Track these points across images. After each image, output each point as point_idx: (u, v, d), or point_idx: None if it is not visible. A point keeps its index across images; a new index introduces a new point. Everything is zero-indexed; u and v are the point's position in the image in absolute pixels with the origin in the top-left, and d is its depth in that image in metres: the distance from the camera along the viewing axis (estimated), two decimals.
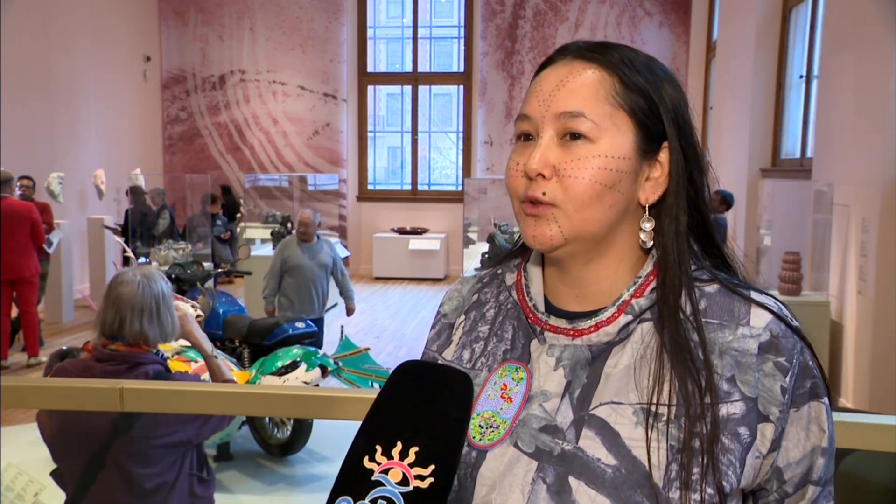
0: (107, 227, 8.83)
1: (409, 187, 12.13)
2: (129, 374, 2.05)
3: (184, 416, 2.09)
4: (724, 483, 0.77)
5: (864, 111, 4.80)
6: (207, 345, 2.46)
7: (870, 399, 4.56)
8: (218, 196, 8.94)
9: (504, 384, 0.87)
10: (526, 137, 0.85)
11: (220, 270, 6.50)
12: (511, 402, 0.85)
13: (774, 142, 7.10)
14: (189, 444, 2.14)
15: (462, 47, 11.75)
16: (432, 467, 0.80)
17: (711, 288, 0.84)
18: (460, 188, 11.38)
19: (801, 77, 6.64)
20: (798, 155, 6.59)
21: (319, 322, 5.73)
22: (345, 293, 5.81)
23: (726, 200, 6.64)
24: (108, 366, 2.08)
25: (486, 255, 7.44)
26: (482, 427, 0.85)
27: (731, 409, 0.79)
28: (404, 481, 0.80)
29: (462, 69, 11.75)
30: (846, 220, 4.99)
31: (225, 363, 3.84)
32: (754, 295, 0.84)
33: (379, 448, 0.82)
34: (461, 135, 11.82)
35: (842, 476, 3.19)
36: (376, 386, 4.00)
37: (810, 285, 5.43)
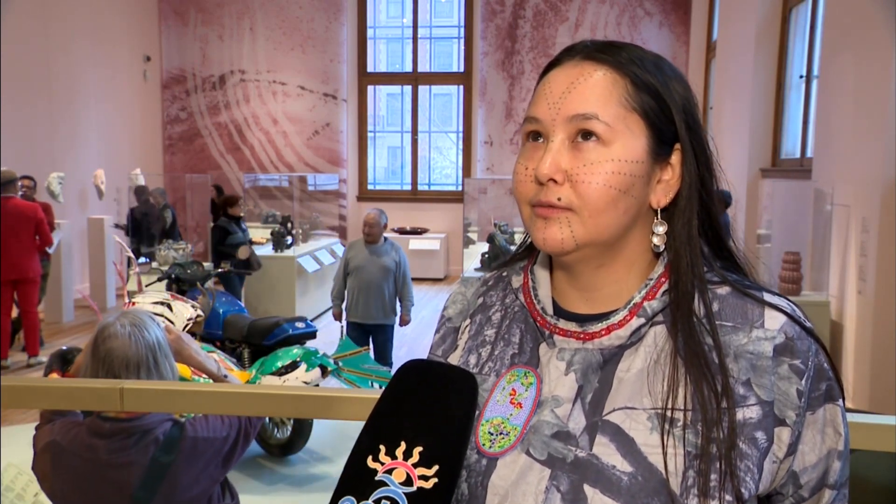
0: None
1: (409, 187, 12.12)
2: (138, 446, 1.87)
3: (202, 463, 1.94)
4: (743, 490, 0.76)
5: (864, 111, 4.79)
6: (212, 365, 2.27)
7: (870, 399, 4.55)
8: (239, 197, 8.48)
9: (513, 389, 0.85)
10: (535, 137, 0.83)
11: (220, 270, 6.49)
12: (521, 407, 0.83)
13: (774, 142, 7.09)
14: (215, 484, 2.01)
15: (462, 47, 11.75)
16: (436, 468, 0.79)
17: (723, 290, 0.83)
18: (460, 188, 11.38)
19: (801, 77, 6.64)
20: (798, 155, 6.58)
21: (388, 330, 5.51)
22: (402, 302, 5.59)
23: (724, 199, 6.64)
24: (114, 442, 1.87)
25: (486, 255, 7.44)
26: (492, 434, 0.83)
27: (748, 413, 0.77)
28: (408, 481, 0.79)
29: (462, 69, 11.75)
30: (846, 220, 4.99)
31: (224, 363, 3.84)
32: (767, 296, 0.82)
33: (383, 448, 0.81)
34: (461, 135, 11.82)
35: None
36: (376, 386, 3.99)
37: (810, 285, 5.42)
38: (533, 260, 0.92)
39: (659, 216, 0.83)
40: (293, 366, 4.00)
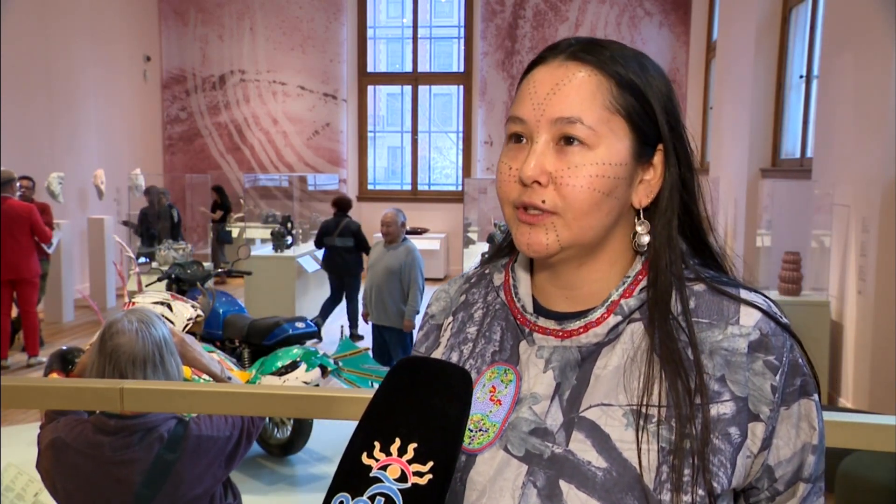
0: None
1: (409, 187, 12.13)
2: (142, 444, 1.88)
3: (206, 462, 1.93)
4: (715, 484, 0.77)
5: (864, 111, 4.79)
6: (216, 367, 2.27)
7: (870, 399, 4.55)
8: (349, 201, 8.12)
9: (493, 387, 0.86)
10: (517, 139, 0.83)
11: (219, 270, 6.49)
12: (500, 404, 0.84)
13: (774, 142, 7.09)
14: (217, 483, 2.01)
15: (462, 47, 11.75)
16: (431, 464, 0.79)
17: (699, 287, 0.84)
18: (460, 188, 11.38)
19: (801, 77, 6.64)
20: (798, 155, 6.58)
21: (395, 333, 5.41)
22: (406, 304, 5.52)
23: None
24: (117, 439, 1.87)
25: (486, 255, 7.45)
26: (471, 430, 0.84)
27: (722, 409, 0.78)
28: (403, 478, 0.79)
29: (462, 69, 11.75)
30: (846, 220, 4.99)
31: (224, 363, 3.84)
32: (743, 293, 0.83)
33: (377, 444, 0.81)
34: (461, 135, 11.82)
35: (842, 476, 3.19)
36: (376, 386, 3.98)
37: (810, 285, 5.42)
38: (514, 258, 0.93)
39: (641, 216, 0.84)
40: (293, 366, 4.00)
